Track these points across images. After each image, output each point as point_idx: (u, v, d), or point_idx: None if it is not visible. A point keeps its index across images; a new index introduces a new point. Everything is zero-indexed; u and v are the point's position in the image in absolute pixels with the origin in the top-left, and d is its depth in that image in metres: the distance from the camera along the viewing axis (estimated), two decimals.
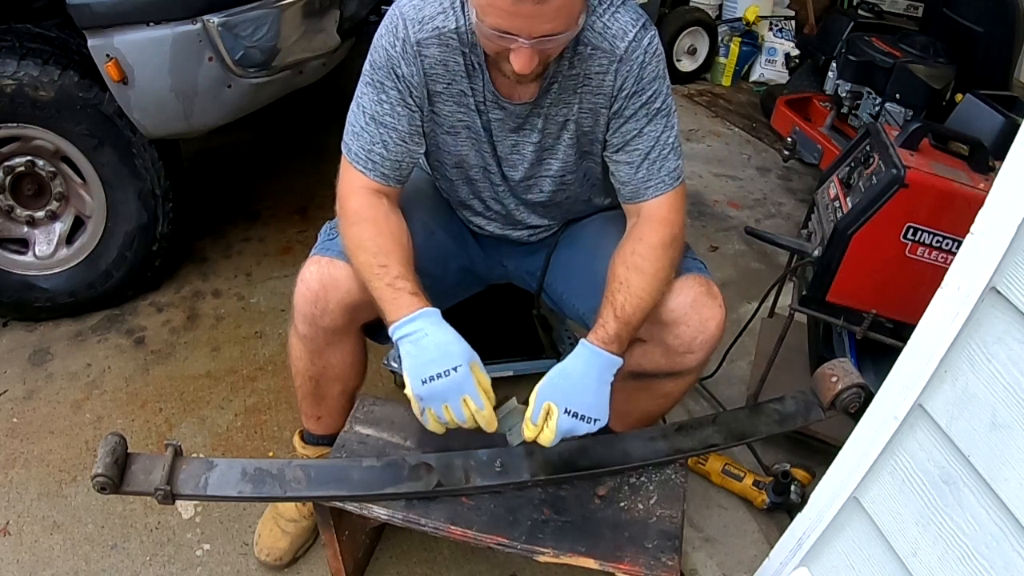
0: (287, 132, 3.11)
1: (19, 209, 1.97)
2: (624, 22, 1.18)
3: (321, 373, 1.36)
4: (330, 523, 1.27)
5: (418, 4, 1.17)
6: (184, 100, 1.75)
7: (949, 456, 0.89)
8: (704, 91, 4.25)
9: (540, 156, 1.29)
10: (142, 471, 1.14)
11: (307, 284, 1.25)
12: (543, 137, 1.27)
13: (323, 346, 1.31)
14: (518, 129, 1.26)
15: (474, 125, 1.25)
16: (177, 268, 2.28)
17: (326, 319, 1.26)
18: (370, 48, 1.21)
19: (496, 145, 1.28)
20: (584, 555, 1.14)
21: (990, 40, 2.66)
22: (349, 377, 1.39)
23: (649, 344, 1.30)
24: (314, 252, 1.29)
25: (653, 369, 1.32)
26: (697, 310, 1.24)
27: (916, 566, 0.93)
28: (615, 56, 1.18)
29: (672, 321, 1.25)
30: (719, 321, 1.25)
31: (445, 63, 1.18)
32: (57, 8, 1.65)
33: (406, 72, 1.17)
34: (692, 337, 1.25)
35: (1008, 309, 0.80)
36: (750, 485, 1.67)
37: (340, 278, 1.24)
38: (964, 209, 1.05)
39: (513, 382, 1.93)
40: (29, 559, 1.48)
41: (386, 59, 1.17)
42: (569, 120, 1.24)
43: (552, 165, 1.31)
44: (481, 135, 1.27)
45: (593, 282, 1.32)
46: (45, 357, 1.97)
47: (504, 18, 1.01)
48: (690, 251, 1.36)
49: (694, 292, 1.25)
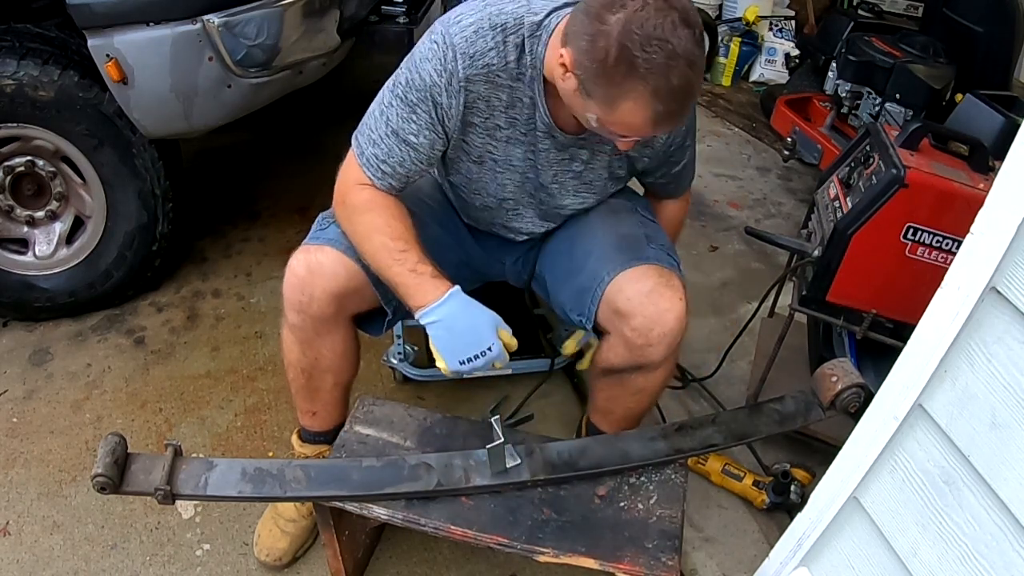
0: (287, 132, 3.11)
1: (19, 209, 1.97)
2: None
3: (312, 365, 1.35)
4: (330, 523, 1.27)
5: (470, 37, 1.12)
6: (184, 100, 1.75)
7: (949, 456, 0.89)
8: (704, 91, 4.23)
9: (577, 188, 1.33)
10: (142, 471, 1.14)
11: (293, 271, 1.26)
12: (585, 170, 1.31)
13: (312, 336, 1.31)
14: (562, 161, 1.28)
15: (500, 157, 1.26)
16: (177, 268, 2.29)
17: (313, 306, 1.26)
18: (408, 62, 1.18)
19: (540, 173, 1.29)
20: (584, 555, 1.14)
21: (990, 40, 2.66)
22: (341, 369, 1.38)
23: (613, 336, 1.31)
24: (304, 242, 1.30)
25: (620, 364, 1.32)
26: (653, 300, 1.23)
27: (916, 566, 0.93)
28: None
29: (628, 311, 1.25)
30: (677, 314, 1.23)
31: (488, 99, 1.18)
32: (57, 8, 1.65)
33: (446, 104, 1.15)
34: (648, 328, 1.24)
35: (1008, 309, 0.80)
36: (750, 485, 1.67)
37: (325, 263, 1.24)
38: (964, 209, 1.05)
39: (513, 381, 1.93)
40: (29, 559, 1.48)
41: (428, 85, 1.14)
42: (614, 160, 1.31)
43: (587, 198, 1.36)
44: (516, 167, 1.28)
45: (573, 266, 1.36)
46: (45, 357, 1.97)
47: (640, 133, 1.09)
48: (665, 246, 1.37)
49: (651, 282, 1.24)
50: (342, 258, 1.25)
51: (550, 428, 1.84)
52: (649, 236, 1.37)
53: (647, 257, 1.29)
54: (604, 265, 1.29)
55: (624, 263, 1.27)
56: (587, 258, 1.34)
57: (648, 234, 1.37)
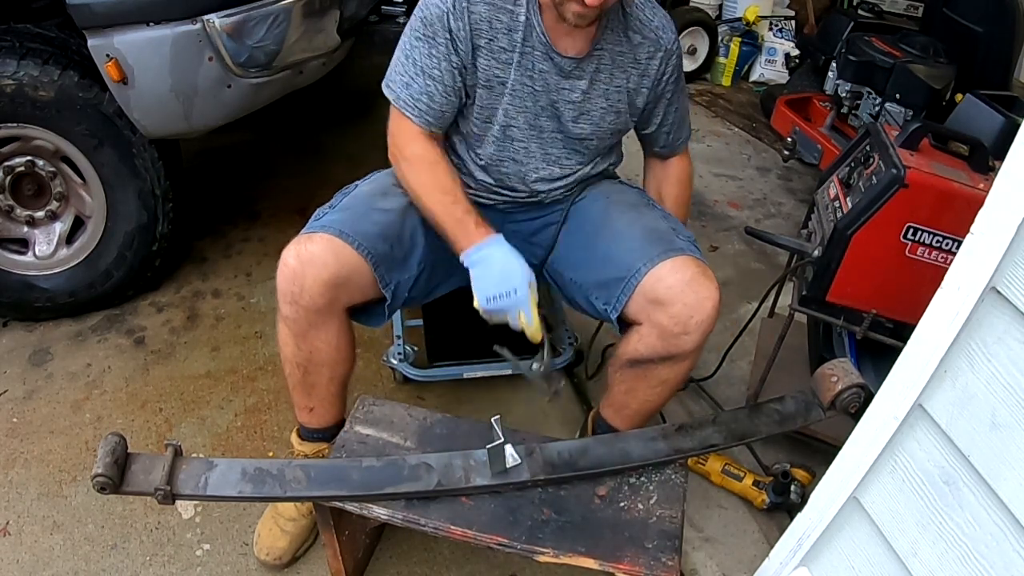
0: (287, 132, 3.11)
1: (19, 209, 1.97)
2: (661, 17, 1.39)
3: (308, 359, 1.35)
4: (330, 523, 1.27)
5: None
6: (184, 100, 1.75)
7: (949, 456, 0.89)
8: (704, 91, 4.24)
9: (576, 117, 1.39)
10: (142, 471, 1.14)
11: (284, 262, 1.27)
12: (584, 99, 1.37)
13: (306, 327, 1.31)
14: (561, 86, 1.36)
15: (508, 79, 1.33)
16: (177, 268, 2.29)
17: (305, 297, 1.26)
18: (418, 7, 1.31)
19: (539, 96, 1.36)
20: (584, 555, 1.14)
21: (990, 40, 2.66)
22: (336, 362, 1.38)
23: (645, 326, 1.32)
24: (302, 232, 1.32)
25: (649, 354, 1.33)
26: (694, 288, 1.26)
27: (916, 566, 0.93)
28: (660, 47, 1.38)
29: (668, 300, 1.27)
30: (715, 302, 1.28)
31: (490, 20, 1.29)
32: (57, 8, 1.65)
33: (454, 27, 1.27)
34: (688, 316, 1.26)
35: (1008, 309, 0.80)
36: (750, 485, 1.67)
37: (316, 252, 1.25)
38: (964, 209, 1.05)
39: (513, 380, 1.93)
40: (29, 559, 1.48)
41: (439, 14, 1.27)
42: (613, 92, 1.39)
43: (584, 127, 1.41)
44: (517, 90, 1.34)
45: (596, 257, 1.39)
46: (45, 357, 1.97)
47: None
48: (689, 235, 1.41)
49: (690, 272, 1.28)
50: (333, 244, 1.26)
51: (550, 428, 1.84)
52: (675, 229, 1.41)
53: (681, 248, 1.32)
54: (638, 256, 1.32)
55: (660, 254, 1.30)
56: (614, 249, 1.37)
57: (673, 227, 1.41)
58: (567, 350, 1.96)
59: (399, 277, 1.36)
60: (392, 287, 1.34)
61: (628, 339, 1.37)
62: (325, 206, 1.39)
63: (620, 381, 1.43)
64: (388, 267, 1.33)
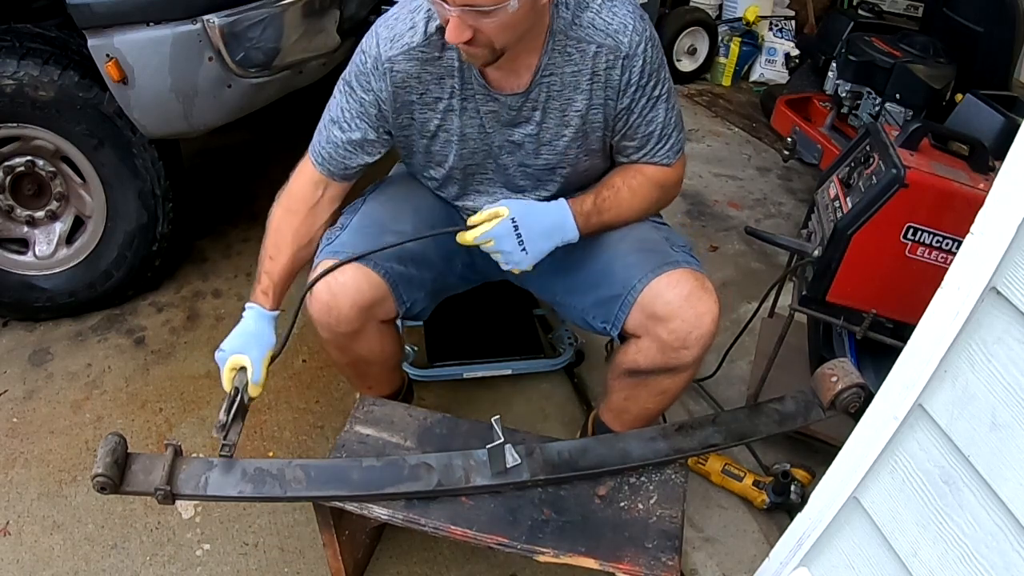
0: (287, 132, 3.11)
1: (19, 209, 1.97)
2: (623, 16, 1.23)
3: (354, 361, 1.44)
4: (330, 523, 1.27)
5: (391, 23, 1.25)
6: (184, 100, 1.75)
7: (949, 456, 0.88)
8: (704, 91, 4.24)
9: (538, 150, 1.32)
10: (142, 471, 1.14)
11: (316, 296, 1.30)
12: (541, 131, 1.29)
13: (347, 343, 1.37)
14: (513, 123, 1.29)
15: (453, 127, 1.30)
16: (177, 268, 2.29)
17: (342, 325, 1.31)
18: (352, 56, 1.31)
19: (493, 136, 1.31)
20: (584, 555, 1.14)
21: (990, 40, 2.66)
22: (382, 358, 1.46)
23: (644, 339, 1.31)
24: (318, 257, 1.34)
25: (649, 366, 1.32)
26: (692, 304, 1.25)
27: (916, 566, 0.93)
28: (620, 52, 1.22)
29: (667, 315, 1.25)
30: (714, 316, 1.26)
31: (418, 76, 1.25)
32: (57, 8, 1.65)
33: (375, 87, 1.26)
34: (687, 332, 1.25)
35: (1008, 309, 0.80)
36: (750, 485, 1.67)
37: (347, 281, 1.28)
38: (964, 209, 1.05)
39: (513, 380, 1.93)
40: (29, 559, 1.48)
41: (358, 73, 1.27)
42: (572, 115, 1.27)
43: (550, 159, 1.34)
44: (468, 134, 1.30)
45: (591, 274, 1.36)
46: (45, 357, 1.97)
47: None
48: (683, 244, 1.38)
49: (689, 286, 1.26)
50: (360, 272, 1.29)
51: (550, 428, 1.84)
52: (669, 239, 1.38)
53: (677, 261, 1.29)
54: (634, 271, 1.29)
55: (656, 268, 1.28)
56: (609, 265, 1.34)
57: (667, 237, 1.38)
58: (567, 350, 1.97)
59: (415, 295, 1.39)
60: (408, 304, 1.38)
61: (627, 350, 1.35)
62: (336, 227, 1.39)
63: (619, 389, 1.42)
64: (406, 287, 1.36)
